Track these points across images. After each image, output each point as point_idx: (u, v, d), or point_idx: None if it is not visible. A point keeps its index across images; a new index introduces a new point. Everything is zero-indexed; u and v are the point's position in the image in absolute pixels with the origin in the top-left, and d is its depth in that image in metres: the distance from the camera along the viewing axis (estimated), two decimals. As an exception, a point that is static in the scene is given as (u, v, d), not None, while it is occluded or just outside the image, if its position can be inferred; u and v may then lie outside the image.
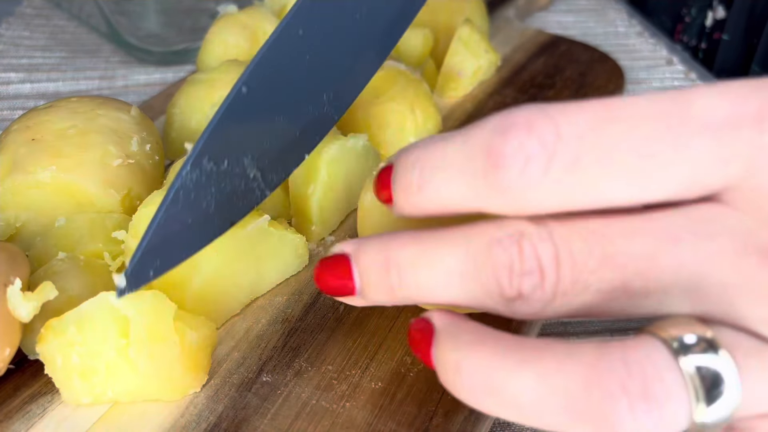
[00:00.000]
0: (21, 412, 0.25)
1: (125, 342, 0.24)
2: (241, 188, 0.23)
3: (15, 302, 0.24)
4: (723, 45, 0.53)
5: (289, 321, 0.29)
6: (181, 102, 0.38)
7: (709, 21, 0.54)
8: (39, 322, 0.26)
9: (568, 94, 0.46)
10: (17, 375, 0.27)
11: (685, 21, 0.57)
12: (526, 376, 0.17)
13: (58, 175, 0.30)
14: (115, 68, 0.53)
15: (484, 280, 0.18)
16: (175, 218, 0.21)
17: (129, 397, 0.25)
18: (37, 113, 0.32)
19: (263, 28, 0.44)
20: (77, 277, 0.28)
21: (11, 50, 0.55)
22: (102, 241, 0.30)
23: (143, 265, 0.21)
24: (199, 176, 0.21)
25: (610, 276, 0.17)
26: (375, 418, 0.25)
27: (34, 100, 0.49)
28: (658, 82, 0.53)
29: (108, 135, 0.32)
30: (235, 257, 0.28)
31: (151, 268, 0.21)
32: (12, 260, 0.26)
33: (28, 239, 0.31)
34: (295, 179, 0.32)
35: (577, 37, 0.55)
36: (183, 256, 0.22)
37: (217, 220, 0.23)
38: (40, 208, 0.31)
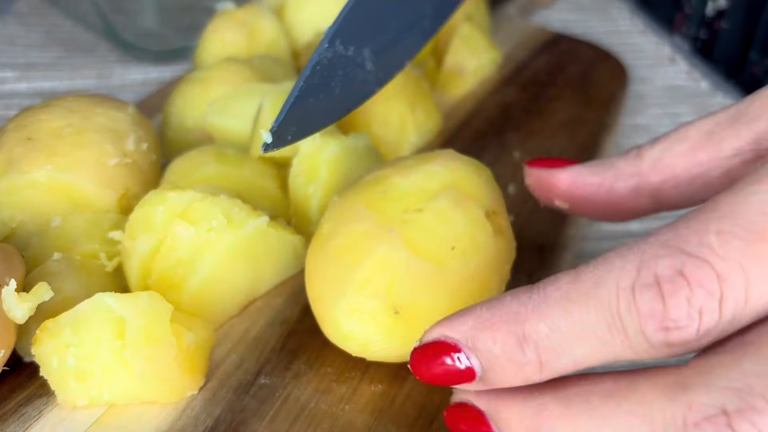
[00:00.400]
0: (16, 415, 0.25)
1: (121, 344, 0.24)
2: (359, 77, 0.25)
3: (10, 303, 0.24)
4: (722, 34, 0.53)
5: (287, 323, 0.29)
6: (178, 100, 0.38)
7: (710, 11, 0.54)
8: (34, 323, 0.25)
9: (570, 92, 0.45)
10: (12, 377, 0.26)
11: (685, 12, 0.57)
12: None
13: (54, 174, 0.30)
14: (111, 66, 0.53)
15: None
16: (312, 89, 0.23)
17: (125, 400, 0.25)
18: (33, 112, 0.32)
19: (261, 25, 0.44)
20: (73, 277, 0.27)
21: (7, 48, 0.55)
22: (98, 242, 0.29)
23: (285, 126, 0.21)
24: (332, 56, 0.23)
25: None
26: (375, 421, 0.25)
27: (30, 98, 0.49)
28: (661, 80, 0.53)
29: (104, 134, 0.31)
30: (233, 258, 0.28)
31: (289, 133, 0.22)
32: (7, 261, 0.25)
33: (23, 239, 0.30)
34: (294, 179, 0.32)
35: (580, 35, 0.55)
36: (313, 128, 0.23)
37: (340, 102, 0.24)
38: (35, 208, 0.30)
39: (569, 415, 0.17)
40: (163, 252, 0.27)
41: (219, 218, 0.27)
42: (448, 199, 0.24)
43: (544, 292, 0.17)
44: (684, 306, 0.15)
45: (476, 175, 0.26)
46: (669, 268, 0.16)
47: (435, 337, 0.19)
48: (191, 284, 0.27)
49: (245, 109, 0.36)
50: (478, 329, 0.18)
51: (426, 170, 0.25)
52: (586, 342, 0.17)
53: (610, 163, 0.23)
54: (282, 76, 0.40)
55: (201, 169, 0.32)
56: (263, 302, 0.30)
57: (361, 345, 0.24)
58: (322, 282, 0.25)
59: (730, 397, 0.15)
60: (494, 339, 0.18)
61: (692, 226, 0.16)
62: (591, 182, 0.23)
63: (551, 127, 0.42)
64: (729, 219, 0.16)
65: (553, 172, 0.24)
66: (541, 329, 0.17)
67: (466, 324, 0.18)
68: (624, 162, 0.23)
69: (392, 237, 0.23)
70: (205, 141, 0.37)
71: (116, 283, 0.29)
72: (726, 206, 0.16)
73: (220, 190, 0.30)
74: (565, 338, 0.17)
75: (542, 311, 0.17)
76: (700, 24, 0.56)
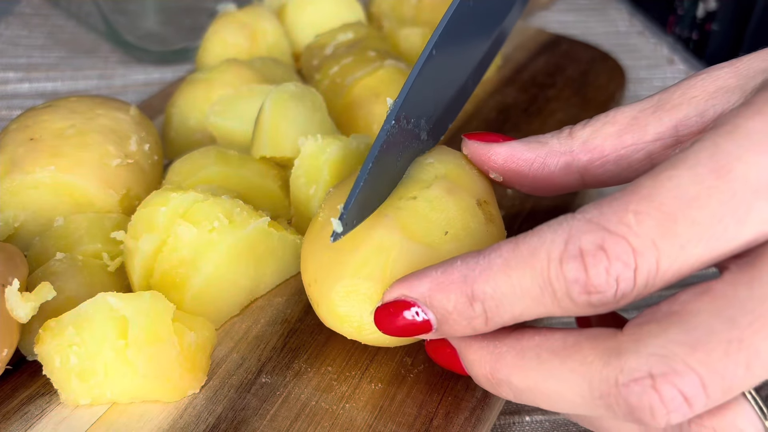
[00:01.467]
0: (19, 413, 0.25)
1: (124, 343, 0.24)
2: (415, 147, 0.27)
3: (13, 303, 0.24)
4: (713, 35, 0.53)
5: (288, 322, 0.29)
6: (180, 101, 0.38)
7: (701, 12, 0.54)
8: (37, 322, 0.25)
9: (569, 93, 0.46)
10: (15, 376, 0.27)
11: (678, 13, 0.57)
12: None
13: (56, 174, 0.30)
14: (113, 67, 0.53)
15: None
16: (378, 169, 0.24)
17: (127, 398, 0.25)
18: (36, 113, 0.32)
19: (262, 26, 0.44)
20: (75, 277, 0.27)
21: (9, 49, 0.55)
22: (100, 242, 0.30)
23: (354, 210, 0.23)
24: (396, 131, 0.25)
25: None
26: (375, 419, 0.25)
27: (33, 99, 0.49)
28: (659, 81, 0.53)
29: (107, 135, 0.32)
30: (235, 258, 0.28)
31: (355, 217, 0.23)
32: (10, 260, 0.25)
33: (26, 239, 0.30)
34: (296, 180, 0.32)
35: (578, 37, 0.55)
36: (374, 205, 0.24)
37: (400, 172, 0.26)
38: (38, 208, 0.30)
39: (521, 366, 0.20)
40: (166, 252, 0.27)
41: (221, 218, 0.28)
42: (440, 187, 0.25)
43: (489, 258, 0.20)
44: (603, 275, 0.18)
45: (467, 167, 0.27)
46: (592, 243, 0.18)
47: (396, 296, 0.22)
48: (193, 284, 0.27)
49: (247, 110, 0.36)
50: (434, 290, 0.21)
51: (419, 162, 0.26)
52: (522, 301, 0.20)
53: (544, 141, 0.25)
54: (283, 78, 0.40)
55: (203, 169, 0.32)
56: (264, 301, 0.30)
57: (356, 327, 0.25)
58: (319, 266, 0.25)
59: (656, 362, 0.18)
60: (448, 298, 0.21)
61: (614, 206, 0.18)
62: (525, 158, 0.25)
63: (550, 128, 0.42)
64: (646, 201, 0.18)
65: (491, 146, 0.26)
66: (487, 289, 0.20)
67: (424, 285, 0.21)
68: (557, 140, 0.25)
69: (387, 221, 0.24)
70: (207, 142, 0.37)
71: (118, 283, 0.29)
72: (645, 189, 0.18)
73: (222, 190, 0.30)
74: (506, 297, 0.20)
75: (487, 275, 0.20)
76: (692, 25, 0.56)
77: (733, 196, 0.18)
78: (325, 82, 0.40)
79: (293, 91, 0.33)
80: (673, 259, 0.18)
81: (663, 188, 0.18)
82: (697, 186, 0.18)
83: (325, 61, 0.41)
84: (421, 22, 0.48)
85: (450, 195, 0.25)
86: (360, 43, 0.42)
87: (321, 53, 0.43)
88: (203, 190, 0.29)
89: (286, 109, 0.33)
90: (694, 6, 0.55)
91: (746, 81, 0.21)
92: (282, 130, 0.33)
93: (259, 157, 0.34)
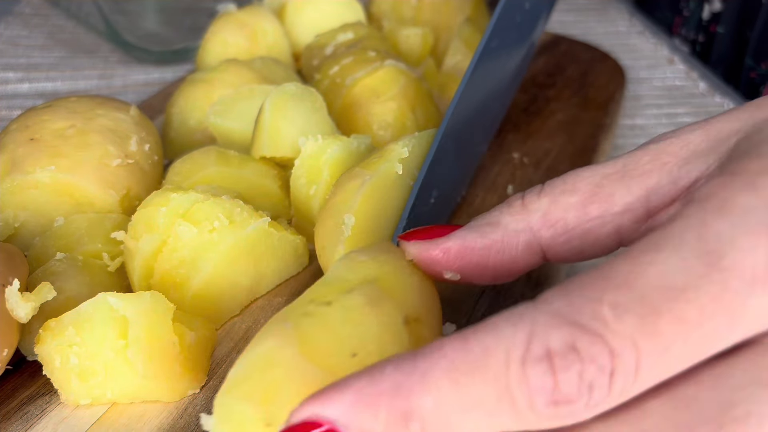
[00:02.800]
0: (19, 413, 0.25)
1: (124, 343, 0.24)
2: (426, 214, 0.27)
3: (13, 303, 0.24)
4: (718, 38, 0.53)
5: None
6: (180, 101, 0.38)
7: (706, 14, 0.54)
8: (37, 322, 0.25)
9: (569, 93, 0.46)
10: (15, 376, 0.27)
11: (684, 15, 0.57)
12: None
13: (56, 175, 0.30)
14: (113, 67, 0.53)
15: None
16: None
17: (128, 398, 0.25)
18: (36, 113, 0.32)
19: (262, 26, 0.44)
20: (76, 277, 0.27)
21: (9, 49, 0.55)
22: (101, 242, 0.30)
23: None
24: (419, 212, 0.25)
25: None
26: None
27: (33, 99, 0.49)
28: (659, 81, 0.53)
29: (107, 135, 0.32)
30: (235, 258, 0.28)
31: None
32: (10, 260, 0.25)
33: (26, 239, 0.30)
34: (296, 180, 0.32)
35: (578, 37, 0.55)
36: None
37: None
38: (38, 208, 0.30)
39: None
40: (166, 252, 0.27)
41: (221, 219, 0.28)
42: (363, 295, 0.20)
43: (429, 360, 0.16)
44: (575, 381, 0.15)
45: (408, 271, 0.22)
46: (561, 342, 0.15)
47: (306, 417, 0.16)
48: (193, 284, 0.27)
49: (247, 111, 0.36)
50: (357, 406, 0.16)
51: (351, 257, 0.22)
52: (474, 415, 0.15)
53: (496, 221, 0.21)
54: (283, 78, 0.40)
55: (203, 169, 0.32)
56: (265, 301, 0.30)
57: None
58: (326, 233, 0.26)
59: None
60: (376, 416, 0.16)
61: (587, 294, 0.15)
62: (481, 246, 0.21)
63: (550, 128, 0.42)
64: (624, 290, 0.15)
65: (437, 243, 0.21)
66: (427, 403, 0.15)
67: (344, 400, 0.16)
68: (510, 218, 0.21)
69: (285, 331, 0.19)
70: (207, 142, 0.37)
71: (119, 283, 0.29)
72: (621, 275, 0.16)
73: (222, 190, 0.30)
74: (453, 412, 0.15)
75: (427, 382, 0.15)
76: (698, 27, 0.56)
77: (725, 289, 0.15)
78: (325, 82, 0.40)
79: (293, 91, 0.33)
80: (654, 363, 0.15)
81: (644, 276, 0.15)
82: (684, 275, 0.15)
83: (325, 61, 0.41)
84: (421, 22, 0.48)
85: (372, 307, 0.20)
86: (360, 43, 0.42)
87: (321, 53, 0.43)
88: (203, 190, 0.29)
89: (286, 109, 0.33)
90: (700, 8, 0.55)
91: (718, 144, 0.19)
92: (282, 130, 0.33)
93: (259, 157, 0.34)
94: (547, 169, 0.38)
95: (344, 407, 0.16)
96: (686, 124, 0.21)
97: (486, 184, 0.37)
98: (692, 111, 0.49)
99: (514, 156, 0.39)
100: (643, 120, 0.49)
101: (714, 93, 0.51)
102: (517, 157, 0.39)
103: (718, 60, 0.54)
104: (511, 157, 0.39)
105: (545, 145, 0.40)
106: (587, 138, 0.41)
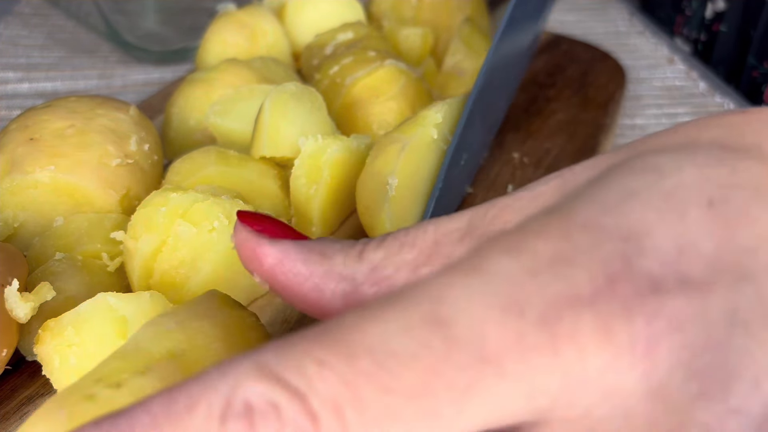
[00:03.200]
0: (18, 414, 0.25)
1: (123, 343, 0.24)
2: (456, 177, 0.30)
3: (12, 303, 0.24)
4: (721, 37, 0.53)
5: (288, 322, 0.29)
6: (180, 101, 0.38)
7: (709, 13, 0.54)
8: (36, 322, 0.25)
9: (569, 93, 0.46)
10: (15, 376, 0.27)
11: (686, 14, 0.57)
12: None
13: (56, 175, 0.30)
14: (113, 67, 0.53)
15: None
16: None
17: (127, 399, 0.25)
18: (36, 112, 0.32)
19: (262, 26, 0.44)
20: (75, 277, 0.27)
21: (9, 49, 0.55)
22: (100, 242, 0.30)
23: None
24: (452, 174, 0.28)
25: None
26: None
27: (32, 99, 0.49)
28: (659, 81, 0.53)
29: (106, 135, 0.32)
30: (235, 258, 0.28)
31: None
32: (10, 260, 0.25)
33: (26, 239, 0.30)
34: (296, 180, 0.32)
35: (578, 36, 0.55)
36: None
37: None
38: (38, 208, 0.30)
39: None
40: (165, 252, 0.27)
41: (221, 218, 0.28)
42: (159, 377, 0.18)
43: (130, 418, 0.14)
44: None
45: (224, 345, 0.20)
46: (261, 397, 0.13)
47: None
48: (193, 284, 0.27)
49: (247, 110, 0.36)
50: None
51: (158, 322, 0.20)
52: None
53: (330, 254, 0.18)
54: (283, 78, 0.40)
55: (203, 169, 0.32)
56: (264, 301, 0.30)
57: None
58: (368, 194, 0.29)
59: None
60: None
61: (298, 349, 0.14)
62: (297, 272, 0.19)
63: (550, 128, 0.42)
64: (335, 348, 0.13)
65: (261, 241, 0.19)
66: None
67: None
68: (342, 260, 0.18)
69: (59, 417, 0.17)
70: (207, 142, 0.37)
71: (118, 283, 0.29)
72: (339, 331, 0.14)
73: (222, 190, 0.30)
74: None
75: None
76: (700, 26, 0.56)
77: (447, 361, 0.13)
78: (325, 82, 0.40)
79: (293, 91, 0.33)
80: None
81: (360, 333, 0.13)
82: (403, 338, 0.13)
83: (325, 61, 0.41)
84: (421, 22, 0.48)
85: None
86: (360, 43, 0.42)
87: (321, 53, 0.43)
88: (203, 190, 0.29)
89: (286, 109, 0.33)
90: (703, 7, 0.55)
91: (566, 199, 0.16)
92: (282, 130, 0.33)
93: (258, 157, 0.34)
94: (547, 169, 0.38)
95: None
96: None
97: (486, 184, 0.37)
98: (692, 111, 0.49)
99: (514, 156, 0.39)
100: (643, 120, 0.49)
101: (714, 93, 0.51)
102: (517, 157, 0.39)
103: (720, 59, 0.54)
104: (511, 157, 0.39)
105: (545, 145, 0.40)
106: (587, 138, 0.41)
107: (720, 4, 0.53)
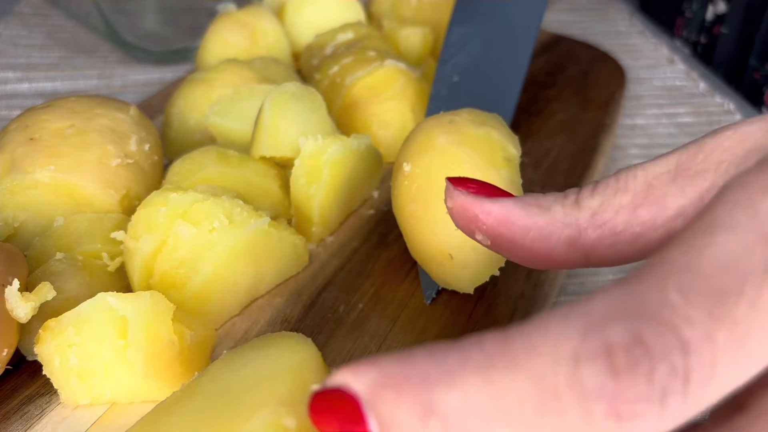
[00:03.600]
0: (19, 413, 0.25)
1: (123, 343, 0.24)
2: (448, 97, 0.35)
3: (13, 303, 0.24)
4: (721, 39, 0.53)
5: (288, 322, 0.29)
6: (180, 101, 0.38)
7: (710, 15, 0.54)
8: (37, 322, 0.25)
9: (569, 93, 0.46)
10: (15, 376, 0.27)
11: (686, 16, 0.57)
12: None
13: (56, 174, 0.30)
14: (113, 67, 0.53)
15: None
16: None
17: (127, 398, 0.25)
18: (36, 112, 0.32)
19: (262, 26, 0.44)
20: (75, 277, 0.27)
21: (9, 49, 0.55)
22: (100, 242, 0.30)
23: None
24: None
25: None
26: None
27: (32, 99, 0.49)
28: (659, 81, 0.53)
29: (106, 134, 0.32)
30: (235, 258, 0.28)
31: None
32: (10, 260, 0.25)
33: (26, 239, 0.30)
34: (296, 180, 0.32)
35: (578, 36, 0.55)
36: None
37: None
38: (38, 208, 0.30)
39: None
40: (165, 252, 0.27)
41: (221, 219, 0.28)
42: None
43: (463, 351, 0.13)
44: (643, 385, 0.12)
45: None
46: (623, 333, 0.12)
47: (337, 384, 0.14)
48: (193, 284, 0.27)
49: (247, 110, 0.36)
50: (381, 386, 0.14)
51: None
52: (506, 422, 0.12)
53: (546, 206, 0.20)
54: (283, 78, 0.40)
55: (203, 169, 0.32)
56: (264, 301, 0.30)
57: None
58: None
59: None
60: (397, 402, 0.13)
61: (648, 281, 0.13)
62: (521, 224, 0.20)
63: (550, 128, 0.42)
64: (688, 274, 0.13)
65: (482, 201, 0.20)
66: (452, 400, 0.13)
67: (370, 376, 0.14)
68: (561, 209, 0.20)
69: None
70: (207, 141, 0.37)
71: (118, 283, 0.29)
72: (678, 261, 0.13)
73: (222, 190, 0.30)
74: (481, 415, 0.12)
75: (457, 376, 0.13)
76: (701, 28, 0.56)
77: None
78: (325, 82, 0.40)
79: (293, 91, 0.33)
80: (731, 360, 0.12)
81: (704, 259, 0.13)
82: (748, 256, 0.13)
83: (324, 61, 0.41)
84: (421, 22, 0.48)
85: None
86: (360, 43, 0.42)
87: (321, 53, 0.43)
88: (203, 190, 0.29)
89: (286, 109, 0.33)
90: (703, 9, 0.55)
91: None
92: (282, 130, 0.33)
93: (258, 157, 0.34)
94: (547, 169, 0.38)
95: (369, 383, 0.14)
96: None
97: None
98: (692, 111, 0.49)
99: (514, 156, 0.39)
100: (644, 120, 0.49)
101: (714, 93, 0.51)
102: (517, 157, 0.39)
103: (720, 62, 0.54)
104: (511, 156, 0.39)
105: (545, 145, 0.40)
106: (587, 138, 0.41)
107: (721, 6, 0.53)
